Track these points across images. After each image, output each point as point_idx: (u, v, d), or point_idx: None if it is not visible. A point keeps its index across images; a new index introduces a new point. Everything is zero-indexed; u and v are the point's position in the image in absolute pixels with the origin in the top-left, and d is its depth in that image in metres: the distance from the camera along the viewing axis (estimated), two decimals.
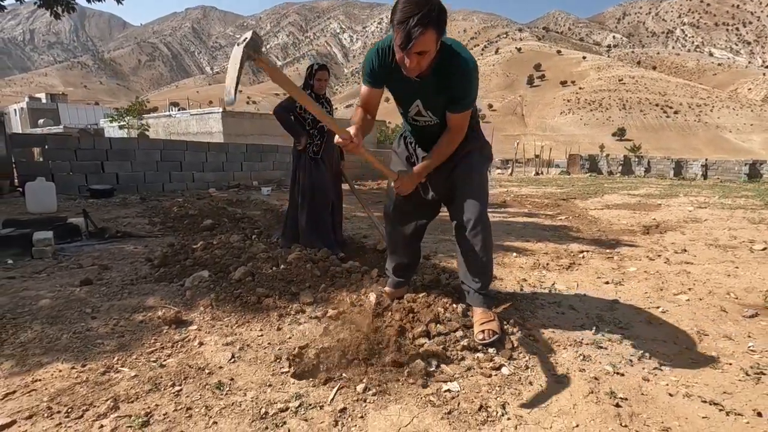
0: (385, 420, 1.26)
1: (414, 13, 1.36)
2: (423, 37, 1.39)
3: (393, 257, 2.11)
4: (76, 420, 1.23)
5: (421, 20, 1.36)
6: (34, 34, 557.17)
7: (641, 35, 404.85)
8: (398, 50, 1.46)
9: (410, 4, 1.38)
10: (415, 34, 1.37)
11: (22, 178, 6.56)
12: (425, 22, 1.37)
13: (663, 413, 1.32)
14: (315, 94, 3.15)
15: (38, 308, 2.03)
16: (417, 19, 1.35)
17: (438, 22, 1.41)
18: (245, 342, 1.74)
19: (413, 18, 1.36)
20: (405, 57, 1.45)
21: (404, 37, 1.39)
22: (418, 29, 1.37)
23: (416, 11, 1.36)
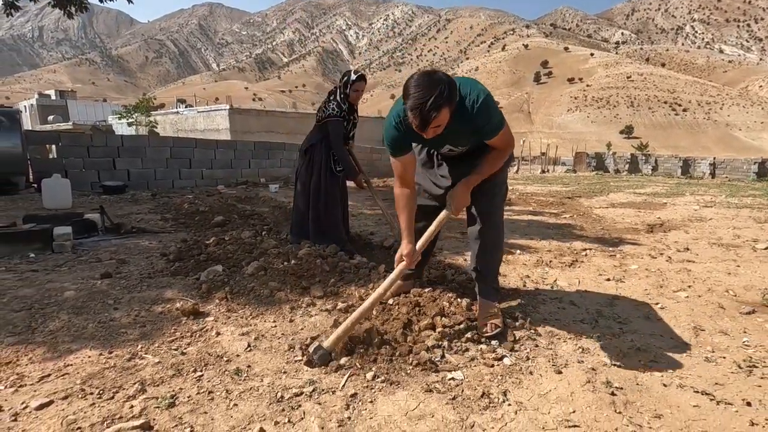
0: (393, 404, 1.35)
1: (426, 98, 1.41)
2: (438, 118, 1.46)
3: None
4: (108, 401, 1.33)
5: (434, 104, 1.42)
6: (42, 31, 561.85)
7: (650, 32, 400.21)
8: (415, 127, 1.52)
9: (421, 89, 1.43)
10: (431, 117, 1.44)
11: (36, 174, 6.72)
12: (438, 104, 1.42)
13: (656, 402, 1.40)
14: (350, 105, 3.02)
15: (63, 299, 2.14)
16: (431, 104, 1.41)
17: (450, 98, 1.46)
18: (260, 332, 1.84)
19: (426, 104, 1.41)
20: (422, 132, 1.52)
21: (420, 121, 1.46)
22: (434, 113, 1.43)
23: (428, 96, 1.41)
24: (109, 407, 1.29)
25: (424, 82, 1.45)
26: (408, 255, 1.75)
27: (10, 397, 1.34)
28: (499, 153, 1.77)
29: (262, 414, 1.28)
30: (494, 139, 1.71)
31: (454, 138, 1.73)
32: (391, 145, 1.75)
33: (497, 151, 1.77)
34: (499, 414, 1.31)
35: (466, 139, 1.75)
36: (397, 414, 1.30)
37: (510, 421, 1.28)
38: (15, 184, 6.51)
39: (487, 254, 1.93)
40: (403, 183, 1.81)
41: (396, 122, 1.69)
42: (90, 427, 1.20)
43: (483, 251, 1.93)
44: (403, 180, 1.81)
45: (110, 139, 7.83)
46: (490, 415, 1.31)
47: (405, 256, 1.75)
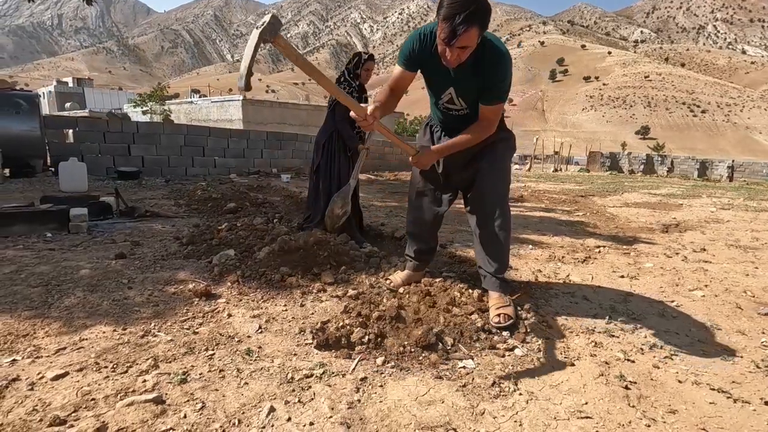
0: (403, 390, 1.34)
1: (461, 10, 1.40)
2: (467, 34, 1.43)
3: (414, 241, 2.19)
4: (122, 374, 1.34)
5: (467, 18, 1.40)
6: (62, 19, 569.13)
7: (670, 31, 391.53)
8: (441, 43, 1.50)
9: (458, 2, 1.41)
10: (460, 31, 1.42)
11: (54, 158, 6.83)
12: (471, 20, 1.41)
13: (671, 397, 1.37)
14: (360, 85, 3.04)
15: (79, 277, 2.17)
16: (463, 17, 1.40)
17: (483, 20, 1.45)
18: (271, 315, 1.85)
19: (459, 15, 1.40)
20: (447, 50, 1.50)
21: (449, 32, 1.44)
22: (463, 27, 1.41)
23: (463, 9, 1.40)
24: (122, 381, 1.31)
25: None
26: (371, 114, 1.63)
27: (27, 367, 1.37)
28: (479, 128, 1.75)
29: (272, 393, 1.29)
30: (491, 106, 1.71)
31: (459, 83, 1.71)
32: (404, 53, 1.73)
33: (478, 126, 1.75)
34: (510, 402, 1.30)
35: (471, 89, 1.72)
36: (407, 399, 1.29)
37: (521, 410, 1.26)
38: (33, 167, 6.62)
39: (494, 244, 1.91)
40: (394, 90, 1.79)
41: (421, 34, 1.69)
42: (104, 398, 1.22)
43: (488, 241, 1.91)
44: (395, 88, 1.79)
45: (126, 126, 7.91)
46: (500, 403, 1.30)
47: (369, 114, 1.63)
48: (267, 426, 1.14)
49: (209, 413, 1.18)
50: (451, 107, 1.84)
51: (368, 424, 1.17)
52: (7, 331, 1.59)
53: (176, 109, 21.79)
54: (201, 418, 1.16)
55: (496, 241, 1.89)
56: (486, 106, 1.72)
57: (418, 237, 2.17)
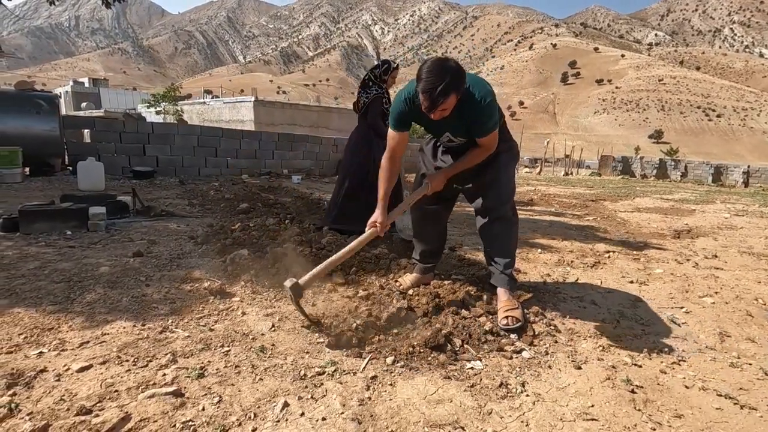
0: (412, 388, 1.38)
1: (436, 84, 1.57)
2: (445, 103, 1.61)
3: (419, 245, 2.26)
4: (142, 368, 1.40)
5: (444, 90, 1.57)
6: (79, 20, 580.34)
7: (686, 33, 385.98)
8: (424, 109, 1.66)
9: (432, 76, 1.58)
10: (438, 102, 1.59)
11: (72, 157, 6.99)
12: (447, 91, 1.58)
13: (677, 402, 1.39)
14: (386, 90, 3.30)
15: (99, 274, 2.24)
16: (440, 90, 1.57)
17: (458, 86, 1.61)
18: (283, 314, 1.90)
19: (436, 89, 1.57)
20: (430, 114, 1.67)
21: (429, 104, 1.61)
22: (441, 98, 1.58)
23: (438, 82, 1.57)
24: (143, 374, 1.37)
25: (436, 68, 1.60)
26: (381, 222, 1.88)
27: (53, 359, 1.43)
28: (480, 151, 1.90)
29: (286, 389, 1.33)
30: (484, 138, 1.85)
31: (453, 127, 1.86)
32: (395, 119, 1.89)
33: (480, 149, 1.90)
34: (517, 403, 1.33)
35: (463, 130, 1.86)
36: (416, 397, 1.33)
37: (528, 411, 1.29)
38: (52, 166, 6.80)
39: (500, 241, 1.99)
40: (393, 157, 1.96)
41: (406, 99, 1.82)
42: (126, 390, 1.27)
43: (495, 239, 1.99)
44: (393, 154, 1.95)
45: (141, 126, 8.07)
46: (507, 404, 1.33)
47: (378, 224, 1.88)
48: (281, 420, 1.19)
49: (226, 407, 1.23)
50: (450, 144, 2.00)
51: (378, 420, 1.21)
52: (33, 324, 1.66)
53: (189, 110, 22.10)
54: (218, 411, 1.20)
55: (502, 238, 1.97)
56: (481, 139, 1.85)
57: (423, 240, 2.24)
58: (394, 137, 1.92)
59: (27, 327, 1.64)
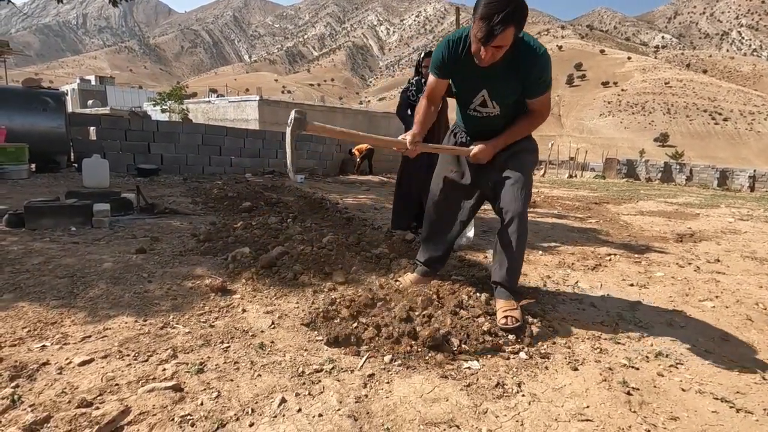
0: (408, 387, 1.39)
1: (499, 10, 1.42)
2: (504, 34, 1.46)
3: (427, 247, 2.19)
4: (143, 362, 1.42)
5: (505, 18, 1.43)
6: (86, 18, 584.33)
7: (693, 36, 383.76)
8: (476, 42, 1.53)
9: (496, 1, 1.43)
10: (497, 31, 1.44)
11: (78, 154, 7.05)
12: (508, 20, 1.43)
13: (673, 405, 1.39)
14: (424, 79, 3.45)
15: (102, 270, 2.27)
16: (501, 17, 1.42)
17: (520, 20, 1.48)
18: (283, 312, 1.91)
19: (497, 15, 1.42)
20: (482, 48, 1.53)
21: (486, 32, 1.46)
22: (501, 27, 1.44)
23: (501, 9, 1.42)
24: (143, 368, 1.38)
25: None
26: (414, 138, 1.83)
27: (56, 353, 1.45)
28: (533, 118, 1.79)
29: (284, 385, 1.35)
30: (538, 98, 1.74)
31: (494, 84, 1.73)
32: (435, 62, 1.79)
33: (533, 115, 1.79)
34: (513, 403, 1.34)
35: (504, 90, 1.73)
36: (412, 396, 1.34)
37: (523, 411, 1.30)
38: (57, 163, 6.85)
39: (514, 252, 1.90)
40: (431, 99, 1.92)
41: (449, 42, 1.72)
42: (127, 384, 1.29)
43: (510, 250, 1.89)
44: (431, 97, 1.91)
45: (146, 124, 8.13)
46: (503, 403, 1.33)
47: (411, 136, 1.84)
48: (278, 415, 1.20)
49: (224, 402, 1.24)
50: (482, 110, 1.85)
51: (375, 417, 1.22)
52: (36, 318, 1.69)
53: (194, 108, 22.18)
54: (217, 406, 1.22)
55: (511, 253, 1.88)
56: (533, 100, 1.75)
57: (433, 245, 2.17)
58: (432, 82, 1.86)
59: (30, 321, 1.66)
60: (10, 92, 6.81)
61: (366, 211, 5.02)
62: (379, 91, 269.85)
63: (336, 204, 5.10)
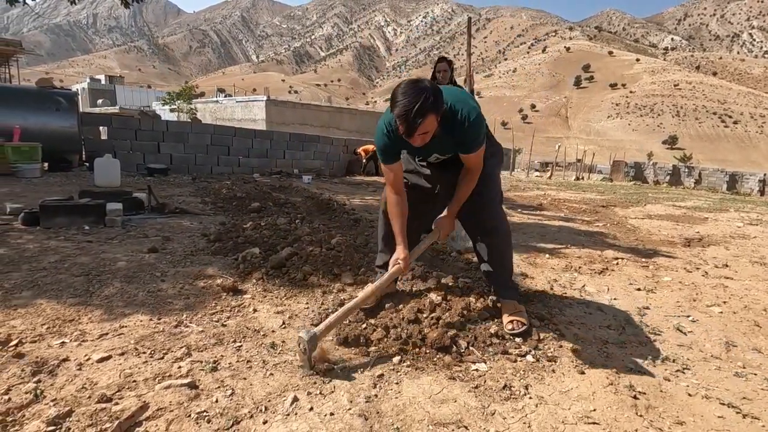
0: (417, 387, 1.42)
1: (411, 106, 1.48)
2: (424, 124, 1.52)
3: (385, 252, 2.11)
4: (159, 360, 1.46)
5: (419, 111, 1.48)
6: (96, 18, 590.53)
7: (703, 38, 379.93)
8: (405, 136, 1.58)
9: (406, 97, 1.50)
10: (416, 124, 1.50)
11: (89, 153, 7.16)
12: (423, 112, 1.49)
13: (679, 409, 1.40)
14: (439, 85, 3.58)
15: (116, 269, 2.32)
16: (415, 112, 1.48)
17: (436, 107, 1.53)
18: (293, 312, 1.95)
19: (411, 111, 1.48)
20: (410, 140, 1.58)
21: (407, 128, 1.52)
22: (418, 119, 1.49)
23: (413, 104, 1.48)
24: (159, 366, 1.42)
25: (409, 90, 1.51)
26: (404, 259, 1.81)
27: (74, 349, 1.50)
28: (471, 174, 1.84)
29: (295, 384, 1.38)
30: (471, 155, 1.78)
31: (441, 147, 1.80)
32: (382, 152, 1.81)
33: (470, 172, 1.84)
34: (520, 405, 1.36)
35: (451, 148, 1.81)
36: (421, 396, 1.37)
37: (530, 413, 1.32)
38: (69, 162, 6.96)
39: (498, 259, 1.94)
40: (395, 189, 1.87)
41: (387, 130, 1.75)
42: (144, 381, 1.33)
43: (493, 258, 1.93)
44: (394, 186, 1.87)
45: (156, 124, 8.23)
46: (511, 405, 1.36)
47: (401, 260, 1.81)
48: (291, 414, 1.23)
49: (238, 399, 1.28)
50: (438, 159, 1.93)
51: (384, 417, 1.25)
52: (55, 315, 1.74)
53: (202, 108, 22.37)
54: (231, 403, 1.26)
55: (498, 254, 1.92)
56: (468, 155, 1.79)
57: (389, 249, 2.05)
58: (387, 171, 1.84)
59: (49, 318, 1.71)
60: (24, 92, 6.93)
61: (373, 212, 5.05)
62: (385, 92, 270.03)
63: (343, 205, 5.13)
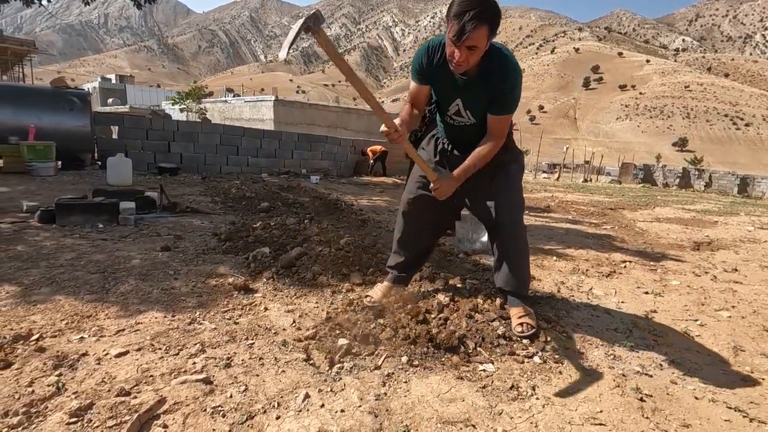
0: (425, 387, 1.44)
1: (471, 7, 1.44)
2: (476, 32, 1.46)
3: (400, 253, 2.11)
4: (174, 356, 1.50)
5: (477, 15, 1.44)
6: (108, 18, 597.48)
7: (715, 39, 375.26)
8: (450, 43, 1.53)
9: (468, 1, 1.45)
10: (469, 28, 1.44)
11: (101, 152, 7.27)
12: (481, 18, 1.44)
13: (686, 412, 1.42)
14: None
15: (131, 266, 2.37)
16: (473, 14, 1.43)
17: (492, 20, 1.48)
18: (303, 311, 1.98)
19: (469, 12, 1.44)
20: (455, 50, 1.52)
21: (458, 29, 1.46)
22: (473, 23, 1.44)
23: (473, 6, 1.44)
24: (175, 361, 1.46)
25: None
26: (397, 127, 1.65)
27: (93, 344, 1.55)
28: (491, 142, 1.76)
29: (307, 382, 1.41)
30: (500, 117, 1.71)
31: (467, 94, 1.72)
32: (414, 68, 1.78)
33: (490, 141, 1.76)
34: (527, 406, 1.38)
35: (476, 101, 1.73)
36: (429, 395, 1.39)
37: (537, 413, 1.34)
38: (82, 161, 7.08)
39: (515, 261, 1.92)
40: (413, 104, 1.84)
41: (430, 45, 1.73)
42: (160, 375, 1.37)
43: (510, 259, 1.91)
44: (413, 102, 1.84)
45: (167, 124, 8.33)
46: (518, 405, 1.38)
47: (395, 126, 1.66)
48: (303, 410, 1.27)
49: (252, 395, 1.31)
50: (456, 119, 1.85)
51: (394, 415, 1.28)
52: (73, 311, 1.79)
53: (211, 108, 22.56)
54: (245, 399, 1.29)
55: (517, 261, 1.90)
56: (493, 117, 1.72)
57: (407, 249, 2.09)
58: (413, 88, 1.82)
59: (68, 314, 1.76)
60: (39, 93, 7.06)
61: (380, 213, 5.08)
62: (393, 92, 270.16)
63: (351, 205, 5.17)
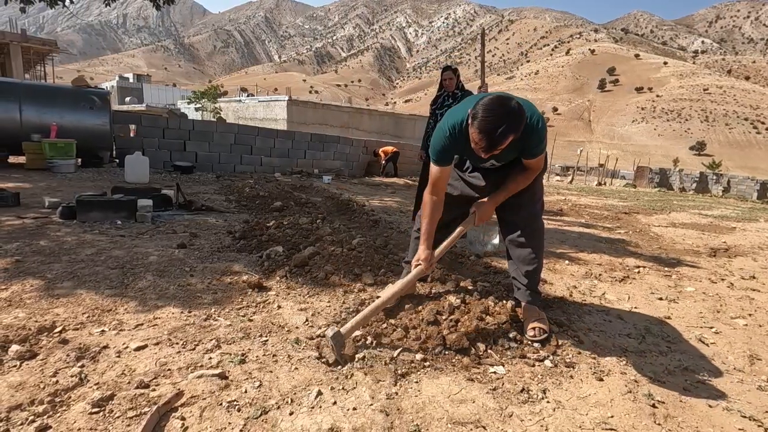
0: (436, 387, 1.46)
1: (498, 125, 1.48)
2: (505, 143, 1.52)
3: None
4: (191, 351, 1.54)
5: (505, 131, 1.49)
6: (126, 18, 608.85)
7: (735, 41, 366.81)
8: (477, 148, 1.58)
9: (494, 116, 1.49)
10: (498, 144, 1.51)
11: (119, 150, 7.43)
12: (508, 133, 1.50)
13: (699, 420, 1.41)
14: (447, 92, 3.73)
15: (149, 263, 2.43)
16: (501, 131, 1.48)
17: (518, 130, 1.54)
18: (316, 310, 2.01)
19: (497, 129, 1.48)
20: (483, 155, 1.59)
21: (487, 145, 1.52)
22: (502, 140, 1.50)
23: (500, 123, 1.48)
24: (191, 356, 1.50)
25: (497, 109, 1.50)
26: (426, 259, 1.83)
27: (113, 338, 1.59)
28: (529, 173, 1.86)
29: (319, 379, 1.44)
30: (534, 160, 1.80)
31: (502, 155, 1.74)
32: (439, 152, 1.79)
33: (529, 171, 1.85)
34: (538, 409, 1.38)
35: (513, 155, 1.80)
36: (440, 396, 1.41)
37: (547, 416, 1.35)
38: (101, 158, 7.24)
39: (531, 261, 1.94)
40: (435, 190, 1.86)
41: (453, 131, 1.73)
42: (178, 369, 1.41)
43: (526, 259, 1.94)
44: (435, 187, 1.86)
45: (183, 123, 8.48)
46: (528, 408, 1.38)
47: (423, 261, 1.83)
48: (315, 407, 1.29)
49: (266, 391, 1.35)
50: (493, 165, 1.93)
51: (405, 414, 1.30)
52: (94, 305, 1.84)
53: (225, 107, 22.84)
54: (259, 394, 1.32)
55: (531, 256, 1.94)
56: (530, 160, 1.81)
57: None
58: (436, 172, 1.82)
59: (89, 307, 1.82)
60: (61, 92, 7.25)
61: (392, 213, 5.10)
62: (405, 93, 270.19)
63: (363, 206, 5.20)
